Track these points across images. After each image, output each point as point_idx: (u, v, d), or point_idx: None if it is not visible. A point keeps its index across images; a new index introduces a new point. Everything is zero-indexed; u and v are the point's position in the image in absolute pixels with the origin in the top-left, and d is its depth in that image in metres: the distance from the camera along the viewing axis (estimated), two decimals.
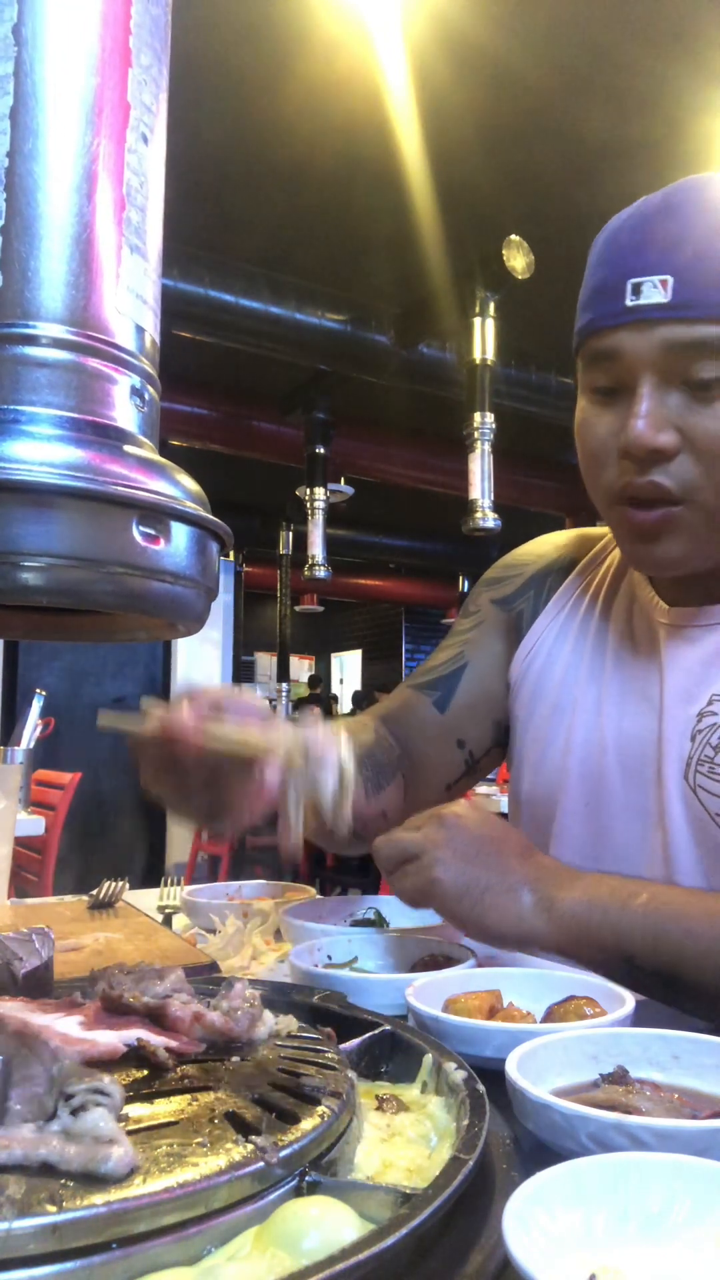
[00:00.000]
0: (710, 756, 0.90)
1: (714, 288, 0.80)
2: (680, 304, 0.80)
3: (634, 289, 0.81)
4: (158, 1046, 0.49)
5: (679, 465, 0.83)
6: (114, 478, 0.45)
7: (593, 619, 1.05)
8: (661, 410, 0.82)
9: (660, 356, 0.82)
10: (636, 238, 0.84)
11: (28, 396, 0.46)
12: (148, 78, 0.50)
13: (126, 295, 0.49)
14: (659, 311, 0.81)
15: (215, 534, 0.52)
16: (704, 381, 0.81)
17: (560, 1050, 0.55)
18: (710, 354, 0.80)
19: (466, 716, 1.11)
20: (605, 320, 0.85)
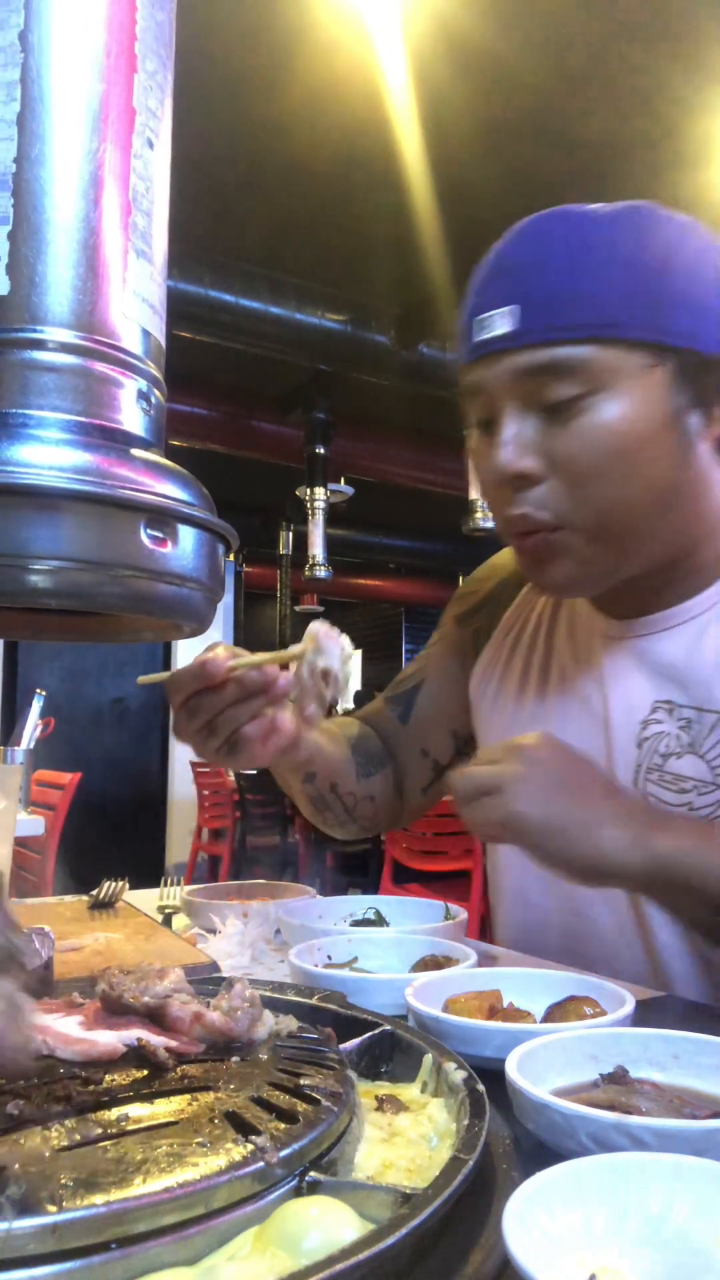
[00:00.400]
0: (659, 764, 0.91)
1: (552, 312, 0.80)
2: (524, 331, 0.81)
3: (484, 324, 0.84)
4: (158, 1046, 0.49)
5: (548, 491, 0.84)
6: (121, 481, 0.46)
7: (540, 633, 1.07)
8: (522, 437, 0.83)
9: (514, 384, 0.83)
10: (486, 274, 0.86)
11: (35, 400, 0.46)
12: (153, 83, 0.50)
13: (133, 299, 0.49)
14: (505, 341, 0.82)
15: (221, 536, 0.53)
16: (558, 404, 0.82)
17: (560, 1050, 0.55)
18: (559, 375, 0.81)
19: (426, 728, 1.18)
20: (465, 357, 0.87)
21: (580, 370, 0.80)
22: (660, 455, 0.83)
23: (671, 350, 0.82)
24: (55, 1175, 0.37)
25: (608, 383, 0.81)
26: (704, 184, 3.91)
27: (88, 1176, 0.37)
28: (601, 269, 0.81)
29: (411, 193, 3.81)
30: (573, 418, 0.82)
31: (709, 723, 0.89)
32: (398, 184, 3.77)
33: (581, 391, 0.81)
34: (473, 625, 1.17)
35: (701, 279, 0.83)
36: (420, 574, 9.92)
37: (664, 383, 0.82)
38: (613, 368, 0.80)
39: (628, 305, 0.80)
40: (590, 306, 0.80)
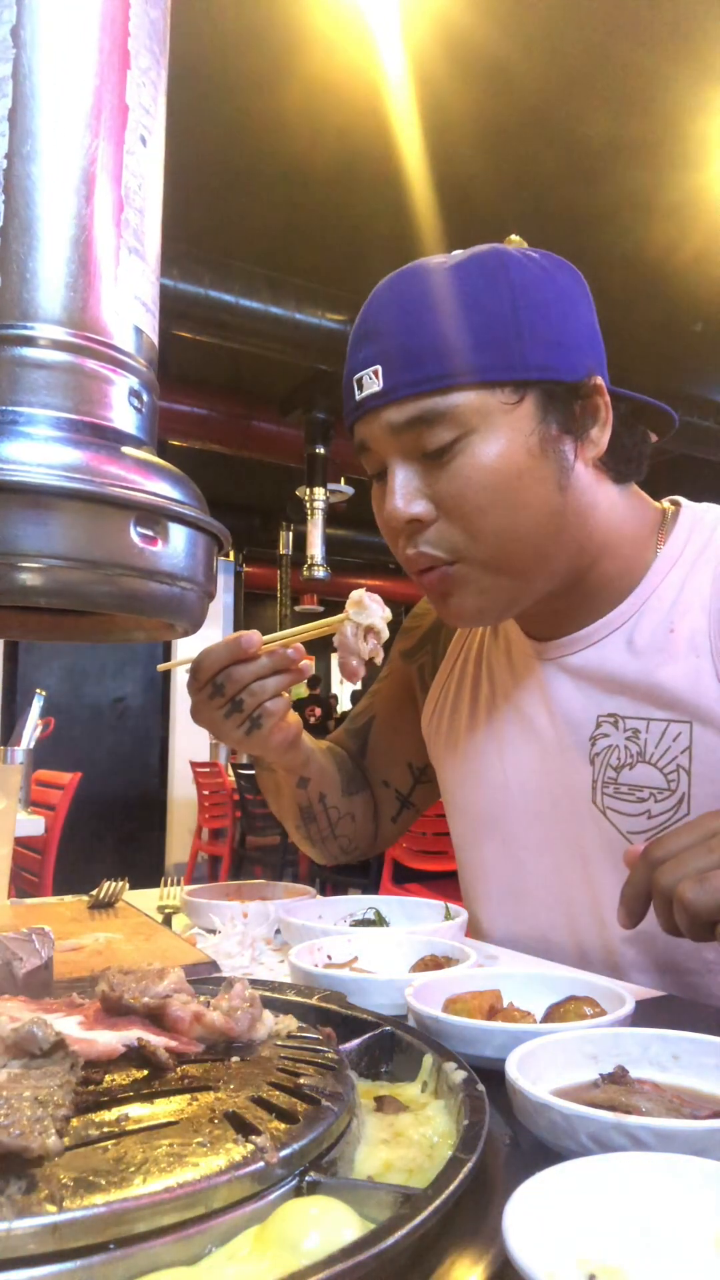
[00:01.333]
0: (613, 778, 0.93)
1: (412, 367, 0.84)
2: (389, 389, 0.85)
3: (358, 384, 0.88)
4: (158, 1046, 0.49)
5: (440, 531, 0.88)
6: (112, 479, 0.45)
7: (483, 663, 1.10)
8: (410, 484, 0.87)
9: (391, 439, 0.87)
10: (358, 335, 0.90)
11: (26, 398, 0.46)
12: (146, 80, 0.50)
13: (125, 297, 0.49)
14: (377, 400, 0.86)
15: (213, 535, 0.52)
16: (434, 451, 0.85)
17: (560, 1050, 0.55)
18: (429, 424, 0.84)
19: (382, 762, 1.23)
20: (349, 416, 0.92)
21: (447, 417, 0.84)
22: (539, 483, 0.86)
23: (531, 384, 0.85)
24: (55, 1175, 0.37)
25: (476, 424, 0.84)
26: (704, 184, 3.91)
27: (88, 1176, 0.37)
28: (450, 319, 0.84)
29: (411, 193, 3.81)
30: (450, 460, 0.85)
31: (656, 730, 0.90)
32: (398, 184, 3.77)
33: (454, 436, 0.85)
34: (418, 661, 1.21)
35: (551, 311, 0.86)
36: None
37: (529, 415, 0.86)
38: (477, 410, 0.84)
39: (479, 350, 0.84)
40: (443, 357, 0.84)
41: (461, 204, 3.79)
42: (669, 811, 0.89)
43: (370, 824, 1.23)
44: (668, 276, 4.60)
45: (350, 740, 1.25)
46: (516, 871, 1.02)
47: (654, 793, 0.90)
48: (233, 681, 0.90)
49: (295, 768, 1.08)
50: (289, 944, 0.90)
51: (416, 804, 1.25)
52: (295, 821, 1.17)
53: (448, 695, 1.13)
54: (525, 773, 1.01)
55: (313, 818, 1.15)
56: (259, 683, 0.90)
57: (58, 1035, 0.45)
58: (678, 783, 0.88)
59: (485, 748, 1.05)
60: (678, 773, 0.88)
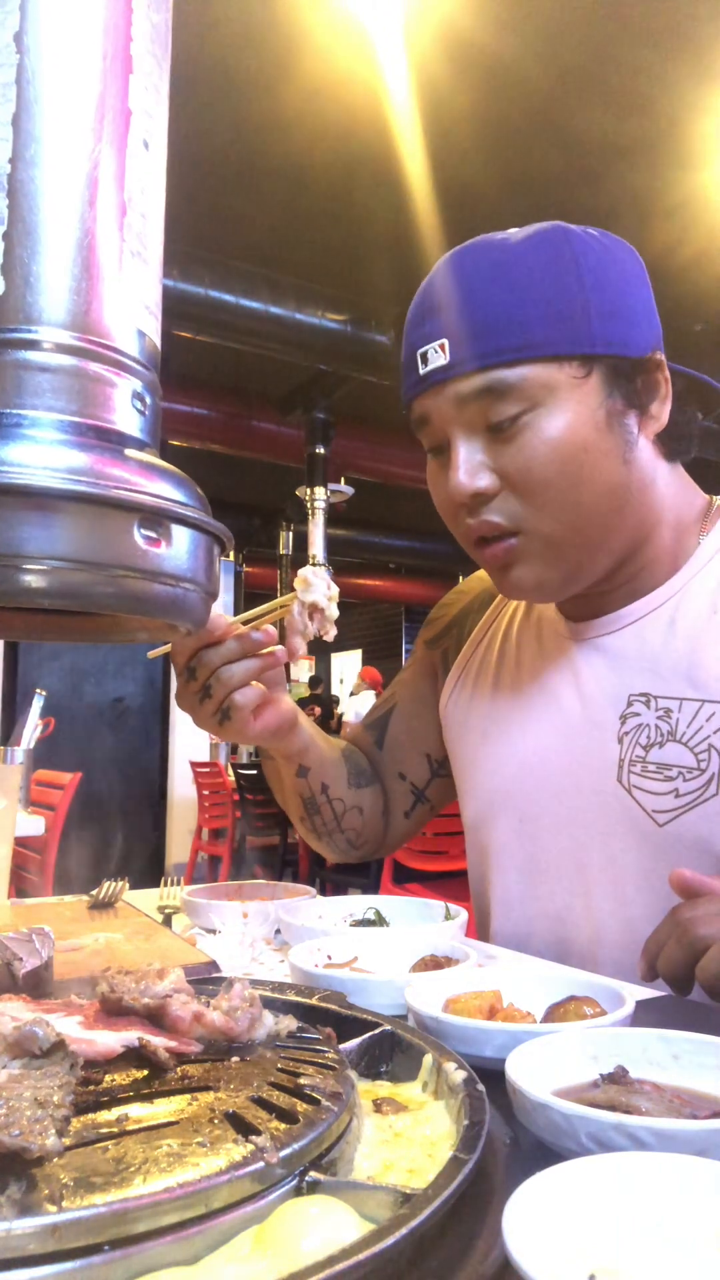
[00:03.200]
0: (641, 756, 0.93)
1: (479, 340, 0.85)
2: (457, 362, 0.86)
3: (422, 358, 0.89)
4: (158, 1046, 0.49)
5: (505, 502, 0.89)
6: (115, 481, 0.45)
7: (510, 644, 1.10)
8: (474, 458, 0.88)
9: (457, 412, 0.88)
10: (420, 310, 0.91)
11: (30, 401, 0.46)
12: (149, 84, 0.50)
13: (128, 301, 0.49)
14: (443, 373, 0.87)
15: (216, 536, 0.53)
16: (499, 424, 0.86)
17: (560, 1050, 0.55)
18: (495, 398, 0.85)
19: (400, 753, 1.22)
20: (410, 391, 0.92)
21: (514, 390, 0.85)
22: (604, 457, 0.88)
23: (598, 359, 0.87)
24: (55, 1175, 0.37)
25: (543, 398, 0.86)
26: (704, 184, 3.91)
27: (88, 1176, 0.37)
28: (519, 293, 0.85)
29: (411, 193, 3.82)
30: (516, 435, 0.86)
31: (689, 710, 0.91)
32: (398, 184, 3.78)
33: (520, 410, 0.86)
34: (441, 646, 1.21)
35: (615, 288, 0.88)
36: (420, 574, 9.93)
37: (596, 390, 0.87)
38: (545, 383, 0.85)
39: (549, 324, 0.85)
40: (513, 330, 0.85)
41: (461, 204, 3.79)
42: (697, 790, 0.89)
43: (380, 819, 1.22)
44: (668, 277, 4.60)
45: (369, 732, 1.24)
46: (534, 849, 1.01)
47: (683, 772, 0.90)
48: (202, 666, 0.90)
49: (291, 755, 1.08)
50: (289, 944, 0.90)
51: (432, 800, 1.24)
52: (299, 813, 1.17)
53: (469, 675, 1.13)
54: (546, 750, 1.01)
55: (316, 809, 1.15)
56: (226, 669, 0.90)
57: (58, 1035, 0.45)
58: (708, 762, 0.89)
59: (505, 725, 1.06)
60: (709, 752, 0.89)
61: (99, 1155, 0.39)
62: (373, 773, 1.22)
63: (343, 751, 1.19)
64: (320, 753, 1.13)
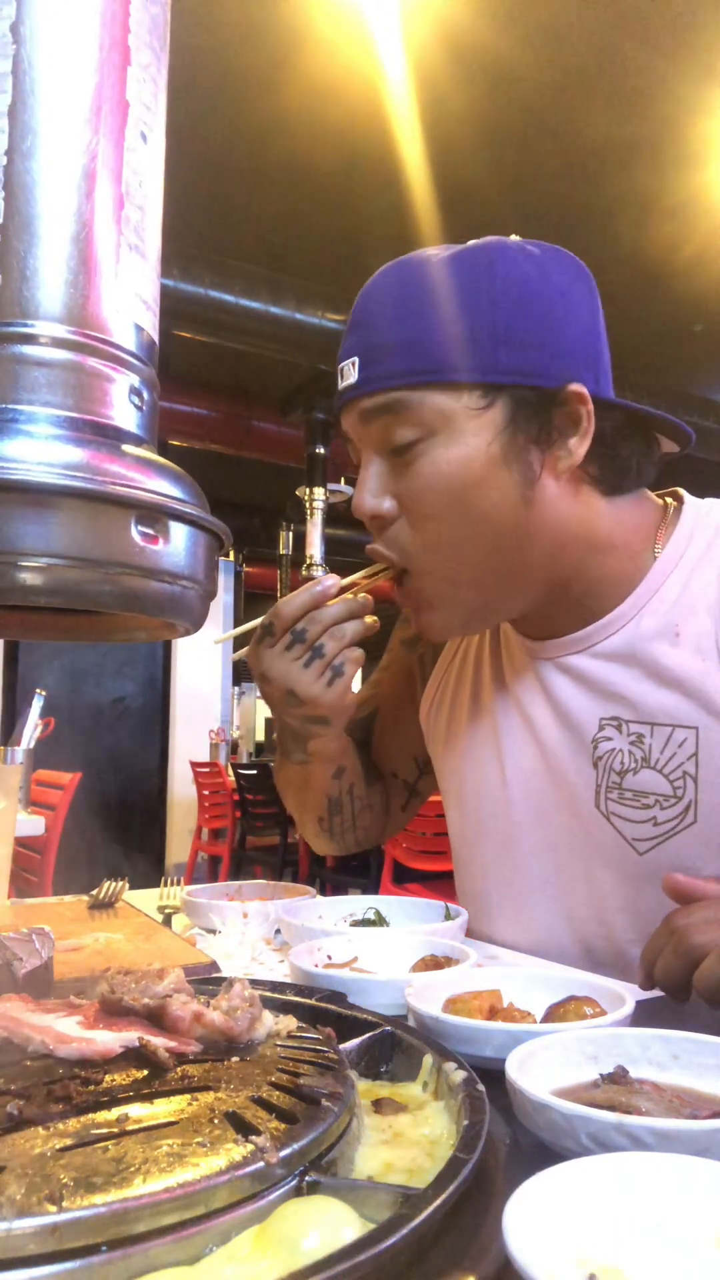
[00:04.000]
0: (617, 783, 0.91)
1: (387, 359, 0.84)
2: (363, 380, 0.85)
3: (342, 374, 0.88)
4: (158, 1046, 0.49)
5: (397, 530, 0.88)
6: (112, 477, 0.45)
7: (484, 661, 1.07)
8: (378, 479, 0.87)
9: (364, 431, 0.87)
10: (348, 326, 0.90)
11: (26, 396, 0.46)
12: (146, 76, 0.50)
13: (125, 294, 0.49)
14: (353, 391, 0.86)
15: (214, 534, 0.52)
16: (398, 448, 0.85)
17: (560, 1050, 0.55)
18: (395, 421, 0.84)
19: (388, 754, 1.21)
20: (336, 406, 0.91)
21: (412, 415, 0.84)
22: (496, 495, 0.84)
23: (501, 389, 0.83)
24: (55, 1175, 0.36)
25: (439, 427, 0.84)
26: (704, 184, 3.91)
27: (88, 1176, 0.37)
28: (426, 316, 0.83)
29: (411, 193, 3.82)
30: (413, 461, 0.85)
31: (661, 736, 0.88)
32: (398, 184, 3.78)
33: (417, 436, 0.84)
34: (418, 650, 1.19)
35: (536, 313, 0.83)
36: None
37: (497, 422, 0.83)
38: (442, 411, 0.83)
39: (451, 349, 0.82)
40: (415, 353, 0.83)
41: (461, 204, 3.79)
42: (675, 819, 0.87)
43: (384, 814, 1.22)
44: (668, 277, 4.60)
45: (357, 729, 1.20)
46: (515, 872, 1.00)
47: (660, 800, 0.88)
48: (315, 624, 0.89)
49: (334, 755, 1.06)
50: (289, 944, 0.90)
51: (423, 793, 1.23)
52: (319, 813, 1.13)
53: (446, 690, 1.11)
54: (526, 773, 0.99)
55: (339, 809, 1.13)
56: (338, 626, 0.89)
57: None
58: (684, 790, 0.86)
59: (484, 746, 1.04)
60: (684, 780, 0.86)
61: (99, 1155, 0.38)
62: (377, 769, 1.21)
63: (357, 749, 1.17)
64: (354, 754, 1.11)
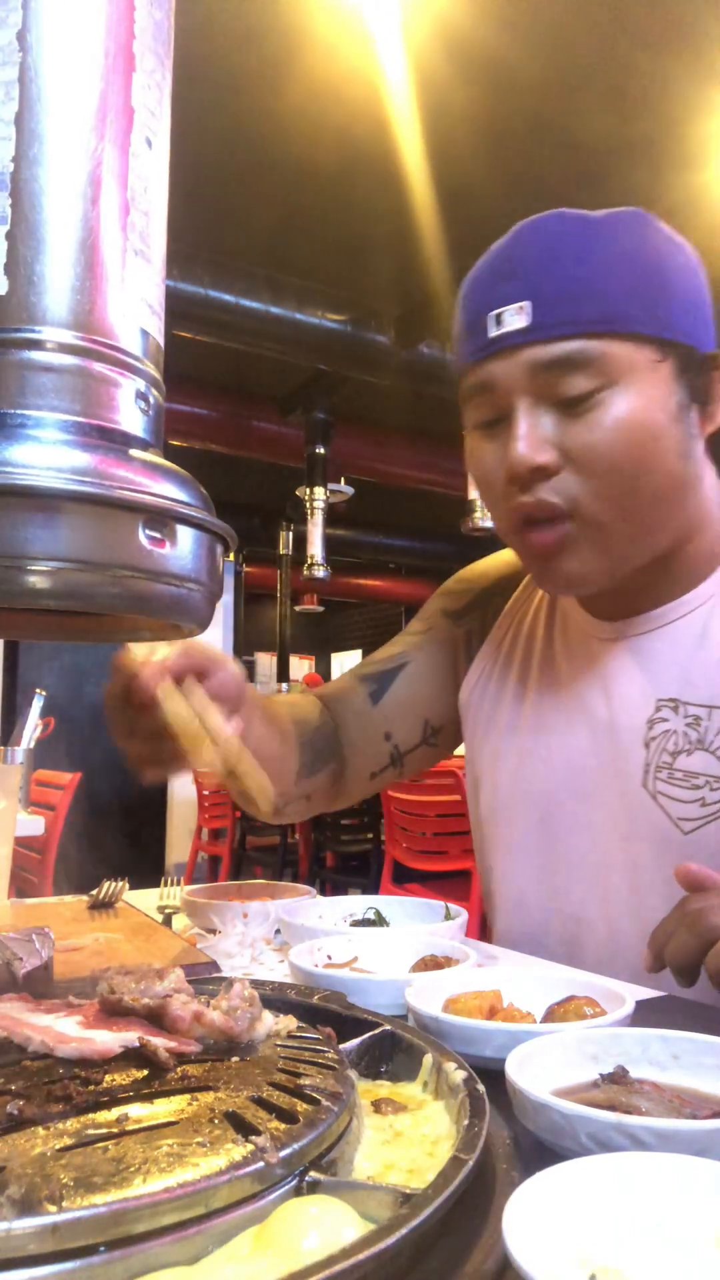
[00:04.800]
0: (668, 763, 0.91)
1: (567, 306, 0.82)
2: (538, 325, 0.83)
3: (496, 319, 0.85)
4: (158, 1046, 0.49)
5: (563, 481, 0.85)
6: (120, 481, 0.45)
7: (536, 640, 1.07)
8: (537, 431, 0.85)
9: (528, 379, 0.84)
10: (495, 272, 0.87)
11: (33, 401, 0.46)
12: (151, 82, 0.50)
13: (131, 300, 0.49)
14: (520, 336, 0.84)
15: (220, 536, 0.53)
16: (572, 398, 0.83)
17: (560, 1050, 0.55)
18: (573, 369, 0.83)
19: (397, 713, 1.15)
20: (474, 355, 0.88)
21: (595, 364, 0.82)
22: (669, 447, 0.86)
23: (672, 346, 0.85)
24: (55, 1175, 0.37)
25: (620, 376, 0.83)
26: (704, 184, 3.91)
27: (88, 1176, 0.37)
28: (609, 266, 0.83)
29: (411, 193, 3.81)
30: (587, 411, 0.83)
31: (719, 718, 0.89)
32: (398, 184, 3.77)
33: (596, 385, 0.83)
34: (465, 626, 1.17)
35: (692, 280, 0.87)
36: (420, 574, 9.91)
37: (669, 377, 0.85)
38: (624, 362, 0.83)
39: (635, 301, 0.83)
40: (601, 302, 0.82)
41: (461, 204, 3.79)
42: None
43: (330, 790, 1.15)
44: None
45: (363, 684, 1.16)
46: (552, 847, 1.00)
47: (710, 781, 0.88)
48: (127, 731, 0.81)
49: None
50: (289, 944, 0.90)
51: (406, 767, 1.18)
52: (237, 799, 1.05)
53: (494, 668, 1.10)
54: (571, 749, 0.99)
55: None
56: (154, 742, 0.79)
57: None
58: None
59: (530, 723, 1.03)
60: None
61: (99, 1155, 0.39)
62: (335, 745, 1.13)
63: (302, 742, 1.07)
64: (274, 764, 0.98)
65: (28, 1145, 0.39)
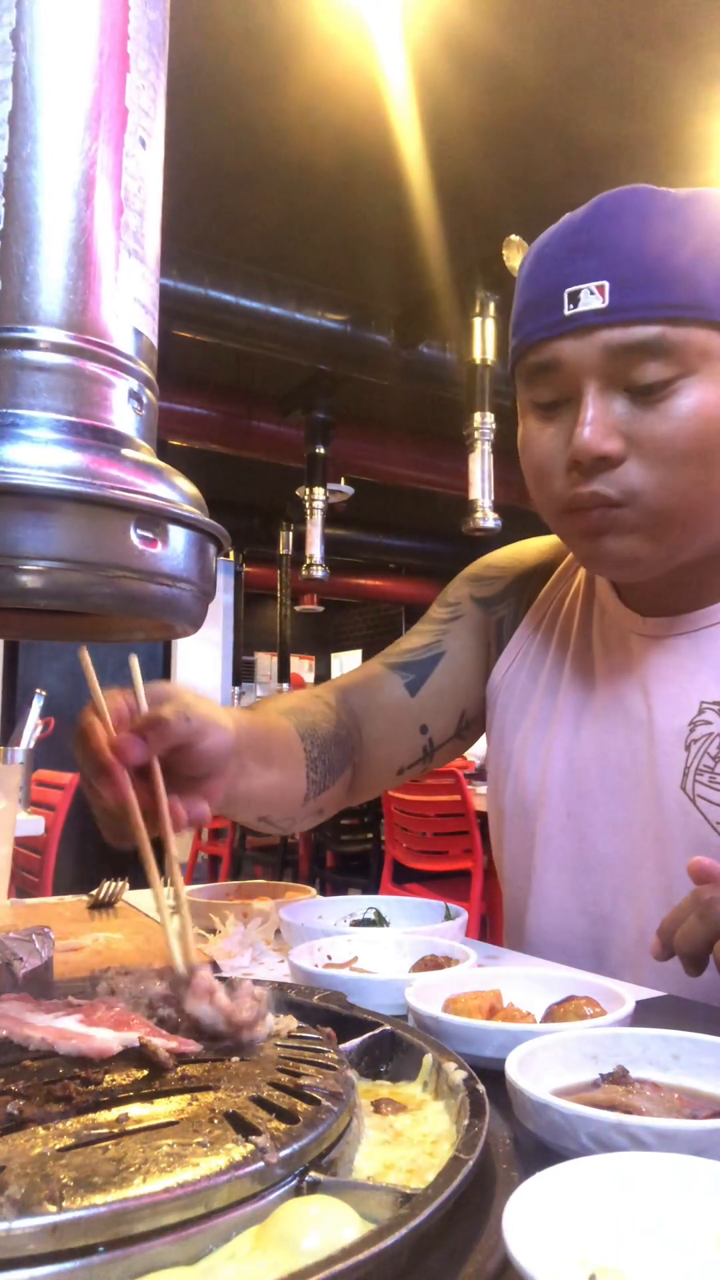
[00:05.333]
0: (710, 766, 0.89)
1: (648, 289, 0.79)
2: (616, 308, 0.79)
3: (571, 298, 0.81)
4: (158, 1046, 0.49)
5: (622, 472, 0.83)
6: (112, 481, 0.45)
7: (571, 633, 1.04)
8: (608, 417, 0.81)
9: (602, 362, 0.81)
10: (569, 248, 0.83)
11: (26, 400, 0.46)
12: (145, 82, 0.50)
13: (124, 299, 0.49)
14: (597, 317, 0.80)
15: (212, 536, 0.52)
16: (647, 386, 0.80)
17: (560, 1050, 0.55)
18: (650, 356, 0.79)
19: (435, 703, 1.10)
20: (544, 332, 0.84)
21: (674, 351, 0.79)
22: None
23: None
24: (55, 1175, 0.37)
25: (699, 366, 0.80)
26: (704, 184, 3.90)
27: (88, 1176, 0.37)
28: (693, 249, 0.80)
29: (411, 193, 3.81)
30: (661, 400, 0.81)
31: None
32: (398, 184, 3.77)
33: (673, 374, 0.80)
34: (497, 614, 1.13)
35: None
36: (420, 574, 9.92)
37: None
38: (705, 350, 0.80)
39: (718, 288, 0.80)
40: (683, 286, 0.79)
41: (461, 204, 3.79)
42: None
43: (344, 796, 1.07)
44: None
45: (400, 674, 1.10)
46: (582, 845, 0.97)
47: None
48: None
49: (249, 813, 0.92)
50: (289, 944, 0.90)
51: (435, 761, 1.12)
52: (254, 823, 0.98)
53: (525, 658, 1.07)
54: (605, 746, 0.96)
55: (271, 825, 0.99)
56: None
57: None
58: None
59: (563, 716, 1.00)
60: None
61: (99, 1155, 0.39)
62: (348, 753, 1.05)
63: (311, 762, 0.98)
64: (280, 797, 0.93)
65: (28, 1145, 0.39)
